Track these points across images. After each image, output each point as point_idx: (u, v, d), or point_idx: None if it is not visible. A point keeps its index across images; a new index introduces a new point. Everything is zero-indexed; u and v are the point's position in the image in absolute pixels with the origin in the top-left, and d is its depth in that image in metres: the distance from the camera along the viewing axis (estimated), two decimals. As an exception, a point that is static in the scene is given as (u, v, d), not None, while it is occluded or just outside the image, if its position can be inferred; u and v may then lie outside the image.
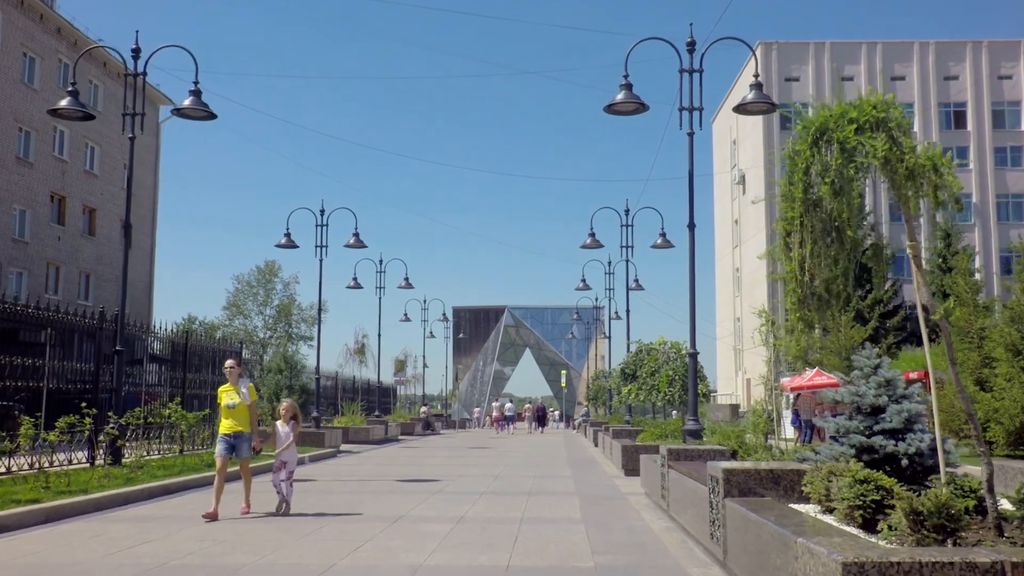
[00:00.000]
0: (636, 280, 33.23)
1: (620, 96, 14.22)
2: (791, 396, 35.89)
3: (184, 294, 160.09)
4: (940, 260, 50.14)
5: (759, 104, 14.12)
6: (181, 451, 17.33)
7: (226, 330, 74.37)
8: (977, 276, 51.54)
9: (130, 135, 14.85)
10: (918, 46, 58.18)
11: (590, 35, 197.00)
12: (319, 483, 14.13)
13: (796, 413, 26.23)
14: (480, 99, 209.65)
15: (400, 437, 34.00)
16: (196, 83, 14.96)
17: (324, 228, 26.76)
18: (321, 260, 26.65)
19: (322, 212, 26.79)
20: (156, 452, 16.64)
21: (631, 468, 15.62)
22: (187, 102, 14.83)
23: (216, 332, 75.23)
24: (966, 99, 57.42)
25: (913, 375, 25.16)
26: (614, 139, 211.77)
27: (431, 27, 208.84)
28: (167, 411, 15.57)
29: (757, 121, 59.09)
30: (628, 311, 28.32)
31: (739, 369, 62.22)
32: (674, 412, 52.90)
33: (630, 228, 26.84)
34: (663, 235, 25.94)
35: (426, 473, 16.26)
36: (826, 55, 58.33)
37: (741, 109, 14.43)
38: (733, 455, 9.44)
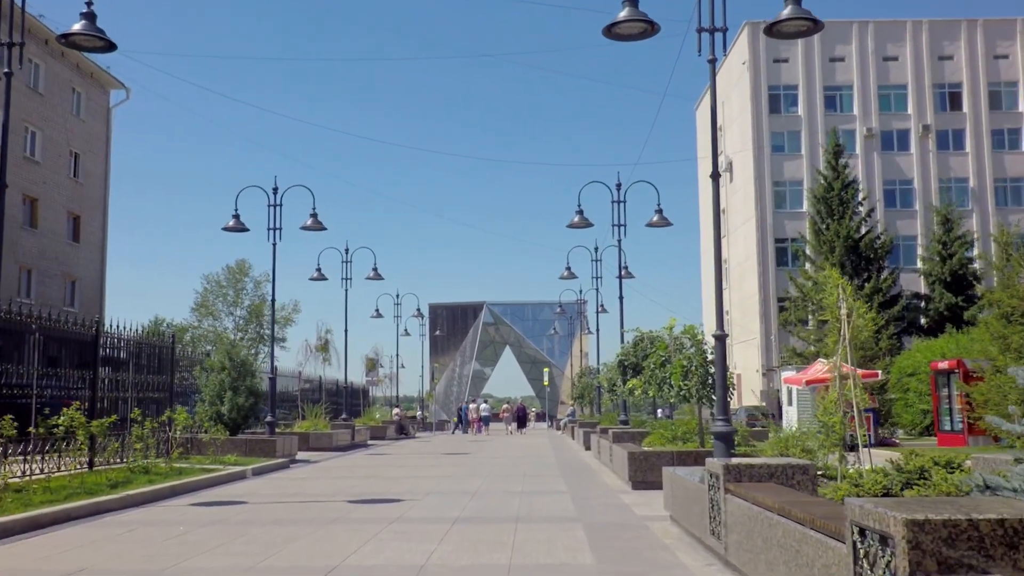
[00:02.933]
0: (626, 267, 30.24)
1: (623, 14, 11.27)
2: (793, 389, 33.10)
3: (153, 297, 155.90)
4: (940, 247, 47.69)
5: (798, 21, 11.20)
6: (90, 465, 14.25)
7: (195, 332, 70.88)
8: (976, 264, 49.24)
9: (6, 70, 11.69)
10: (911, 25, 55.79)
11: (568, 16, 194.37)
12: (248, 507, 11.10)
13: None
14: (463, 86, 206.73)
15: (370, 442, 30.94)
16: (89, 3, 11.82)
17: (277, 208, 23.66)
18: (275, 244, 23.50)
19: (275, 190, 23.70)
20: (59, 468, 13.52)
21: (640, 480, 12.70)
22: (77, 27, 11.69)
23: (185, 334, 71.78)
24: (961, 79, 55.10)
25: (944, 364, 22.43)
26: (597, 128, 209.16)
27: (413, 12, 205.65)
28: (59, 418, 12.42)
29: (745, 106, 56.50)
30: (621, 297, 25.40)
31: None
32: (658, 411, 49.96)
33: (622, 205, 23.94)
34: (659, 211, 23.13)
35: (388, 489, 13.27)
36: (816, 35, 55.67)
37: (775, 31, 11.51)
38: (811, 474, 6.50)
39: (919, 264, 51.04)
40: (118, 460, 15.18)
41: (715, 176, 11.49)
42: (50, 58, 39.71)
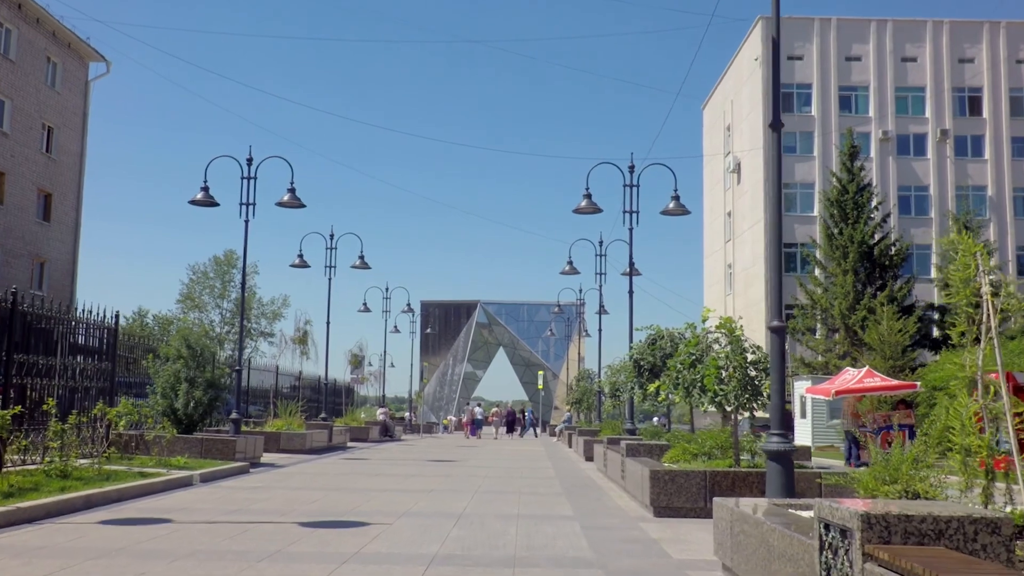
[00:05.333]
0: (631, 263, 27.78)
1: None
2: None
3: (140, 288, 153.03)
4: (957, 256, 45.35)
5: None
6: (-1, 467, 11.78)
7: (180, 324, 68.18)
8: (993, 276, 46.89)
9: None
10: (931, 25, 53.56)
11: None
12: (169, 528, 8.66)
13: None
14: (462, 75, 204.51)
15: (349, 444, 28.49)
16: None
17: (252, 181, 21.30)
18: (247, 220, 21.13)
19: (249, 162, 21.31)
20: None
21: (664, 505, 10.30)
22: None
23: (170, 326, 69.15)
24: (982, 84, 52.87)
25: (989, 377, 20.01)
26: (601, 126, 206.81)
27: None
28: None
29: (756, 103, 54.20)
30: (631, 292, 22.92)
31: (731, 373, 57.09)
32: (654, 419, 47.07)
33: (635, 189, 21.55)
34: (676, 197, 20.75)
35: (355, 506, 10.85)
36: (832, 33, 53.53)
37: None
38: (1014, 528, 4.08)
39: (933, 274, 48.85)
40: (37, 459, 12.77)
41: (776, 126, 9.13)
42: (24, 24, 37.24)
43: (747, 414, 10.81)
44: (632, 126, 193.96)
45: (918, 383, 21.13)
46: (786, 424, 8.87)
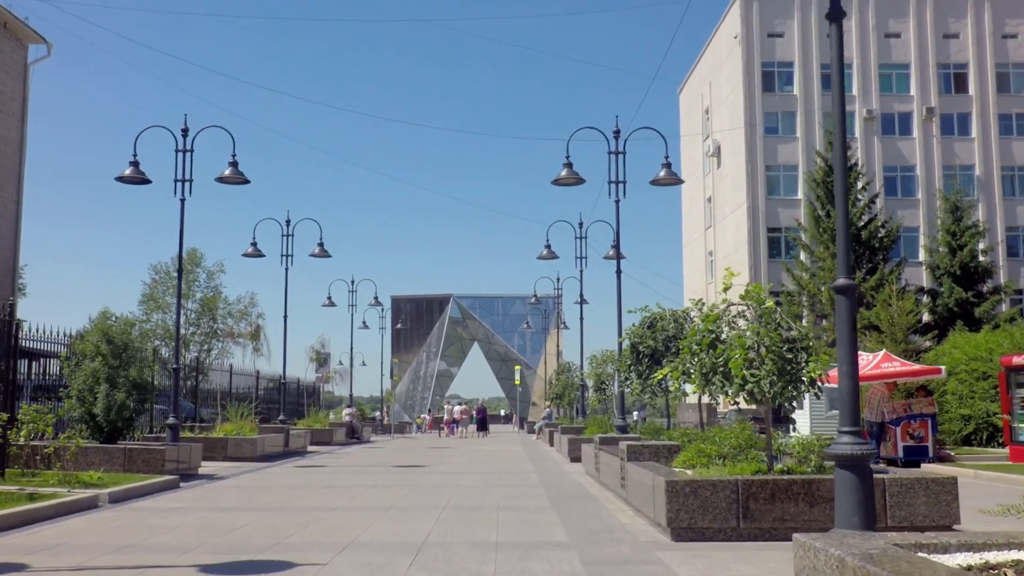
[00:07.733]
0: (613, 246, 25.51)
1: None
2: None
3: (110, 293, 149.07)
4: (949, 237, 43.54)
5: None
6: None
7: (143, 327, 65.12)
8: (982, 258, 45.14)
9: None
10: (914, 0, 51.76)
11: None
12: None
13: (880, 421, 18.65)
14: (437, 58, 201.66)
15: (310, 449, 26.00)
16: None
17: (188, 155, 18.74)
18: (183, 200, 18.64)
19: (184, 132, 18.77)
20: None
21: (686, 526, 7.99)
22: None
23: (132, 329, 66.19)
24: (967, 59, 51.16)
25: (1020, 359, 17.96)
26: (575, 111, 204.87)
27: None
28: None
29: (736, 84, 52.17)
30: (619, 272, 20.47)
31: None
32: (635, 413, 44.71)
33: (622, 156, 19.19)
34: (667, 165, 18.46)
35: (285, 535, 8.46)
36: (813, 8, 51.50)
37: None
38: None
39: (922, 256, 47.06)
40: None
41: (834, 15, 6.83)
42: (-50, 0, 34.27)
43: (789, 403, 8.54)
44: (607, 113, 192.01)
45: (942, 367, 19.01)
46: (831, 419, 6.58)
